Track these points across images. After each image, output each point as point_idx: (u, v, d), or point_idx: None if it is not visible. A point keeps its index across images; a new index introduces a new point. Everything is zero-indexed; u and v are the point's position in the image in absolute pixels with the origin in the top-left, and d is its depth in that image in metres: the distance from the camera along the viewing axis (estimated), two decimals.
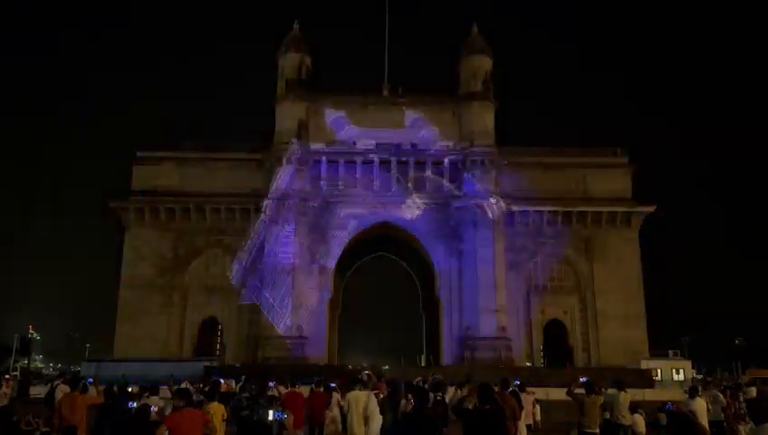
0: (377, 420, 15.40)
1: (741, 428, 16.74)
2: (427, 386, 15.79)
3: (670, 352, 56.96)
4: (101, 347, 60.49)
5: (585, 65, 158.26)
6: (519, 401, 15.87)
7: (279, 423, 14.58)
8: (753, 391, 24.89)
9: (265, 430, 13.86)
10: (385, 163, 57.23)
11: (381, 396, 15.92)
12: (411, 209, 56.82)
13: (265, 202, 55.62)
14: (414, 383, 16.25)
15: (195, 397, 15.52)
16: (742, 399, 19.06)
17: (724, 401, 18.55)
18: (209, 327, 58.43)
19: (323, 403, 17.70)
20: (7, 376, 28.16)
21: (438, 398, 16.31)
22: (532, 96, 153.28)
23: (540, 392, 26.89)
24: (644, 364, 51.44)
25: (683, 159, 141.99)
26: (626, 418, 16.19)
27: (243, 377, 29.57)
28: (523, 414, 16.37)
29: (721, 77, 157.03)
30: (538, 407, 22.84)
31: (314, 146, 57.32)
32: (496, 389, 12.52)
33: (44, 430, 14.42)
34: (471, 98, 58.29)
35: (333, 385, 19.88)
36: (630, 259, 58.26)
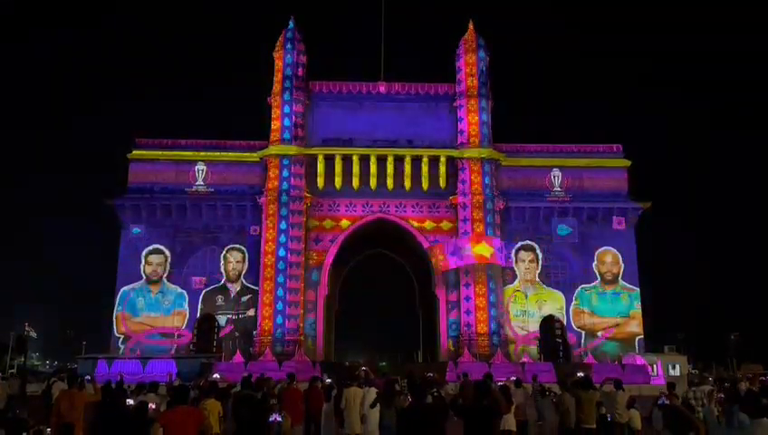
0: (374, 417, 15.46)
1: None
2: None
3: (666, 348, 57.19)
4: (98, 344, 60.24)
5: (583, 62, 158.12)
6: (508, 396, 16.07)
7: (278, 424, 14.57)
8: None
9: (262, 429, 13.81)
10: (381, 159, 57.29)
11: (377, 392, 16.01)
12: (407, 206, 57.07)
13: (261, 199, 55.76)
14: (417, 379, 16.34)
15: (193, 393, 15.51)
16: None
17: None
18: (206, 324, 58.44)
19: (321, 399, 17.73)
20: (1, 374, 28.03)
21: (435, 394, 16.41)
22: (530, 92, 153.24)
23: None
24: (640, 360, 51.65)
25: (680, 156, 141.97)
26: (622, 416, 16.31)
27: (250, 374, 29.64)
28: (513, 408, 16.59)
29: (720, 75, 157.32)
30: None
31: (310, 142, 57.38)
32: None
33: (41, 427, 14.40)
34: (468, 94, 58.30)
35: (330, 381, 19.91)
36: (626, 255, 58.47)
